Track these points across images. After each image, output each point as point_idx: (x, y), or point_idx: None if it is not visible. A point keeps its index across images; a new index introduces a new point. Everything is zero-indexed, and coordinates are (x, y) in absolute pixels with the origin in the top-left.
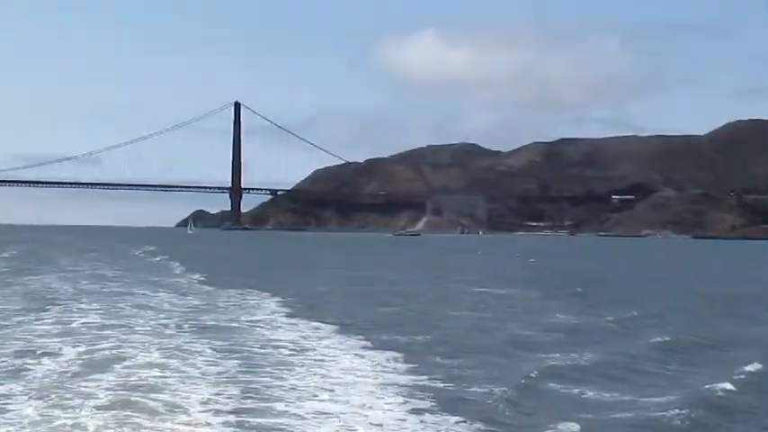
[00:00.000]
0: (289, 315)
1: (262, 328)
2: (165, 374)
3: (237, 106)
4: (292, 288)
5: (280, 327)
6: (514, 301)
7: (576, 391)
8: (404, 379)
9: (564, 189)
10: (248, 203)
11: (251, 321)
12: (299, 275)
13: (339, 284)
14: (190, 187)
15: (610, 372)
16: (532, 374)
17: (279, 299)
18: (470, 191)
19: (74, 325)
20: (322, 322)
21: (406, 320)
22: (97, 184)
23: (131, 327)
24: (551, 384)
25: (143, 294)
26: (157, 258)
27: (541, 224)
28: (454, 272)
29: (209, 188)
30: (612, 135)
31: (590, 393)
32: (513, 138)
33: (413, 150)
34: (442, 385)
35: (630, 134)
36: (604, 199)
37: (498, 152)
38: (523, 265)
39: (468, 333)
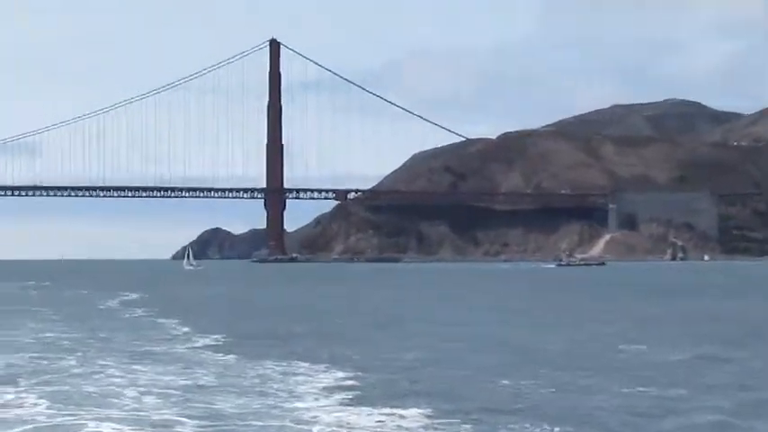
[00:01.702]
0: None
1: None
2: None
3: (275, 47)
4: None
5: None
6: None
7: None
8: None
9: None
10: (296, 216)
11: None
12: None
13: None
14: (193, 189)
15: None
16: None
17: (347, 373)
18: (686, 184)
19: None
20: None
21: None
22: (37, 188)
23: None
24: None
25: (120, 370)
26: (140, 312)
27: None
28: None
29: (228, 191)
30: None
31: None
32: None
33: (583, 116)
34: None
35: None
36: None
37: (737, 115)
38: None
39: None
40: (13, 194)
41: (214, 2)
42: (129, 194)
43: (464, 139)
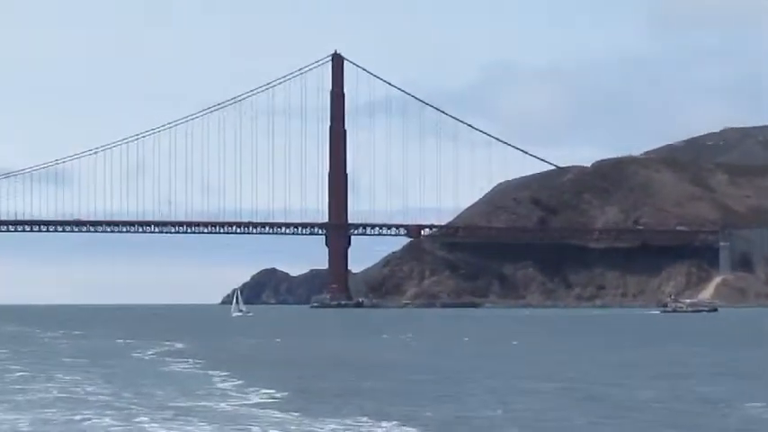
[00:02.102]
0: None
1: None
2: None
3: (338, 63)
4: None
5: None
6: None
7: None
8: None
9: None
10: (362, 255)
11: None
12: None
13: None
14: (246, 225)
15: None
16: None
17: None
18: None
19: None
20: None
21: None
22: (68, 222)
23: None
24: None
25: (164, 429)
26: (185, 363)
27: None
28: None
29: (285, 226)
30: None
31: None
32: None
33: (690, 141)
34: None
35: None
36: None
37: None
38: None
39: None
40: (39, 229)
41: (267, 12)
42: (173, 230)
43: (554, 168)
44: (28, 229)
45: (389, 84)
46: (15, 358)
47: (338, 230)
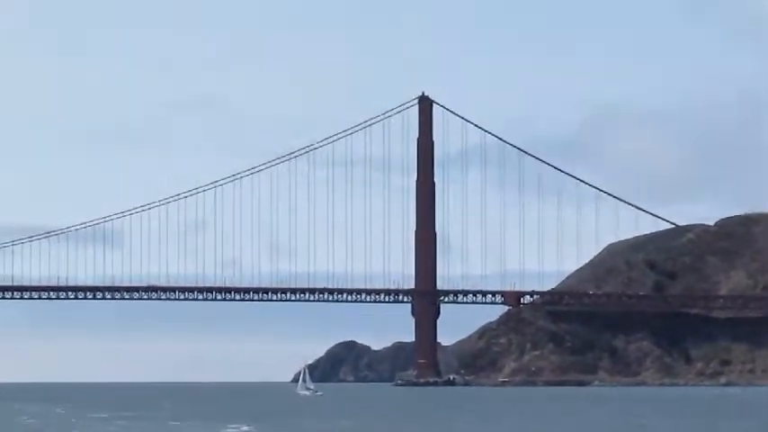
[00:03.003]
0: None
1: None
2: None
3: (426, 106)
4: None
5: None
6: None
7: None
8: None
9: None
10: (454, 326)
11: None
12: None
13: None
14: (321, 291)
15: None
16: None
17: None
18: None
19: None
20: None
21: None
22: (118, 289)
23: None
24: None
25: None
26: None
27: None
28: None
29: (366, 293)
30: None
31: None
32: None
33: None
34: None
35: None
36: None
37: None
38: None
39: None
40: (86, 297)
41: (344, 51)
42: (238, 298)
43: (672, 227)
44: (72, 297)
45: (484, 130)
46: None
47: (426, 298)
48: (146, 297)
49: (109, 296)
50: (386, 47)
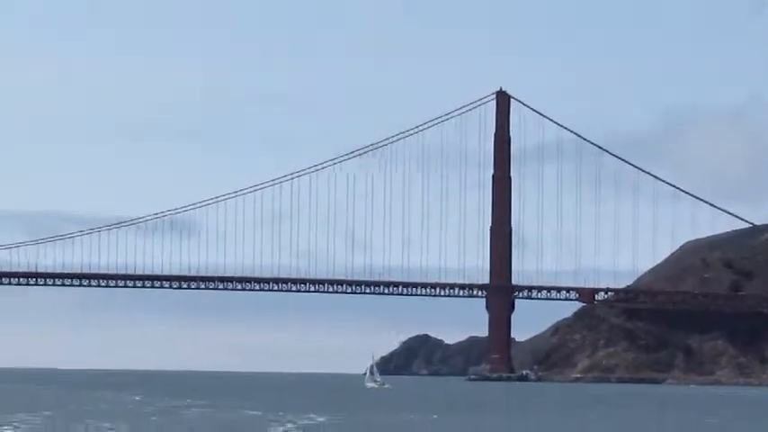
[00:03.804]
0: None
1: None
2: None
3: (504, 101)
4: None
5: None
6: None
7: None
8: None
9: None
10: (528, 321)
11: None
12: None
13: None
14: (396, 285)
15: None
16: None
17: None
18: None
19: None
20: None
21: None
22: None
23: None
24: None
25: None
26: None
27: None
28: None
29: (440, 287)
30: None
31: None
32: None
33: None
34: None
35: None
36: None
37: None
38: None
39: None
40: (161, 285)
41: (422, 45)
42: (313, 289)
43: (750, 226)
44: (148, 285)
45: (561, 126)
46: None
47: (500, 293)
48: (220, 287)
49: (185, 285)
50: (464, 42)
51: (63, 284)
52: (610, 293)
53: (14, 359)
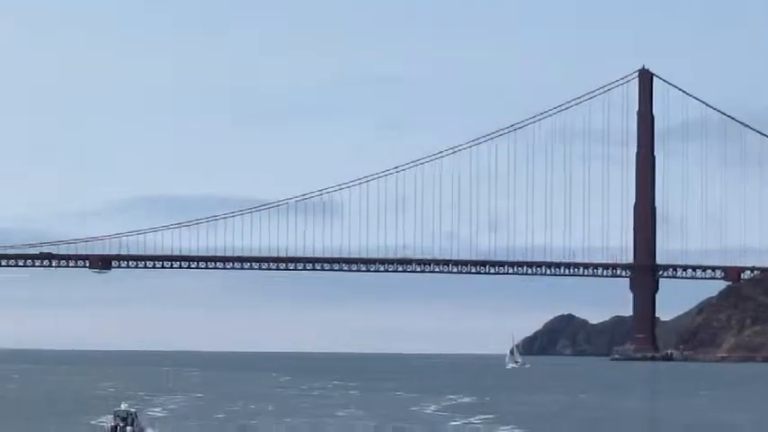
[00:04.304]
0: None
1: None
2: None
3: (646, 79)
4: None
5: None
6: None
7: None
8: None
9: None
10: (673, 301)
11: None
12: None
13: None
14: (539, 265)
15: None
16: None
17: None
18: None
19: None
20: None
21: None
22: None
23: None
24: None
25: None
26: (475, 420)
27: None
28: None
29: (583, 267)
30: None
31: None
32: None
33: None
34: None
35: None
36: None
37: None
38: None
39: None
40: (304, 267)
41: (563, 23)
42: (455, 270)
43: None
44: (291, 267)
45: (705, 104)
46: (283, 413)
47: (645, 272)
48: (363, 269)
49: (328, 267)
50: (607, 21)
51: (207, 267)
52: (756, 272)
53: (161, 342)
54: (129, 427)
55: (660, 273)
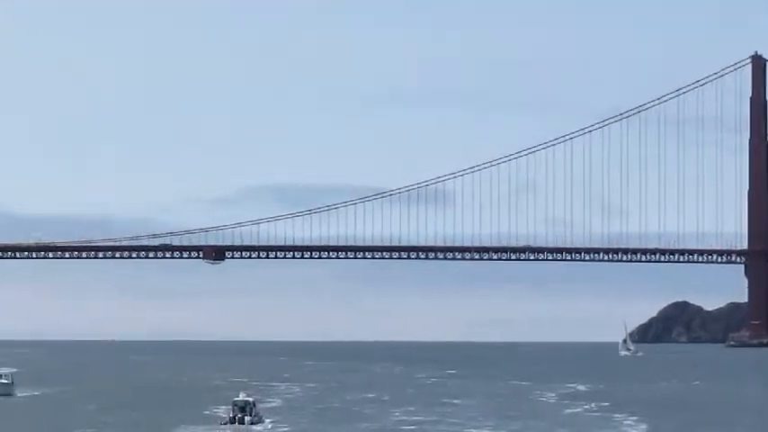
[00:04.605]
0: None
1: None
2: None
3: (759, 65)
4: None
5: None
6: None
7: None
8: None
9: None
10: None
11: None
12: None
13: None
14: (652, 252)
15: None
16: None
17: None
18: None
19: None
20: None
21: None
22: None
23: None
24: None
25: None
26: (587, 407)
27: None
28: None
29: (698, 253)
30: None
31: None
32: None
33: None
34: None
35: None
36: None
37: None
38: None
39: None
40: (417, 256)
41: (676, 10)
42: (568, 257)
43: None
44: (404, 256)
45: None
46: (400, 402)
47: (760, 258)
48: (477, 257)
49: (441, 256)
50: (719, 6)
51: (320, 257)
52: None
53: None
54: (247, 417)
55: None
